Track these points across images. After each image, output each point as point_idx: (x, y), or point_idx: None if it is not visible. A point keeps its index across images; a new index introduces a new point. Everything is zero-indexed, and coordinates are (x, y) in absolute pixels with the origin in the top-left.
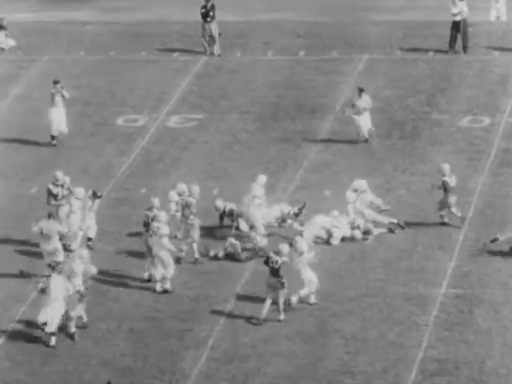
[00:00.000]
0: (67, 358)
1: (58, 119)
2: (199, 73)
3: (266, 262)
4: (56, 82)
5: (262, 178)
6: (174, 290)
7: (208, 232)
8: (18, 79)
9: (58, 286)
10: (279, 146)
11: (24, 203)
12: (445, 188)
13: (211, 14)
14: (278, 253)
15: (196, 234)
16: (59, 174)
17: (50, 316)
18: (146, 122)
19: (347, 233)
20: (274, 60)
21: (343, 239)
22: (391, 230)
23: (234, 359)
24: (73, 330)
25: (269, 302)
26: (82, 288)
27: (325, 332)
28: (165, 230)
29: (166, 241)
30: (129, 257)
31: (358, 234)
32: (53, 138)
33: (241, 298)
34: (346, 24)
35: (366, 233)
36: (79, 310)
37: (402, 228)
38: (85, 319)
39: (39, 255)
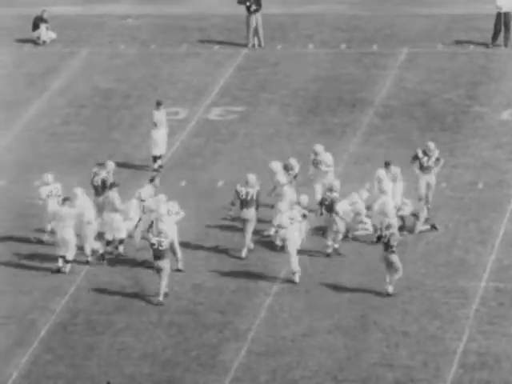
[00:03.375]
0: (108, 351)
1: (161, 140)
2: (240, 65)
3: (379, 239)
4: (159, 104)
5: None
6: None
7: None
8: (58, 72)
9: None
10: (320, 138)
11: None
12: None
13: (253, 5)
14: (388, 227)
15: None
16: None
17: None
18: (186, 115)
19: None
20: (314, 53)
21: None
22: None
23: (275, 352)
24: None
25: (388, 276)
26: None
27: (365, 325)
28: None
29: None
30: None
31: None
32: (155, 159)
33: (281, 290)
34: (386, 17)
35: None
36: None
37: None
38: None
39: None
